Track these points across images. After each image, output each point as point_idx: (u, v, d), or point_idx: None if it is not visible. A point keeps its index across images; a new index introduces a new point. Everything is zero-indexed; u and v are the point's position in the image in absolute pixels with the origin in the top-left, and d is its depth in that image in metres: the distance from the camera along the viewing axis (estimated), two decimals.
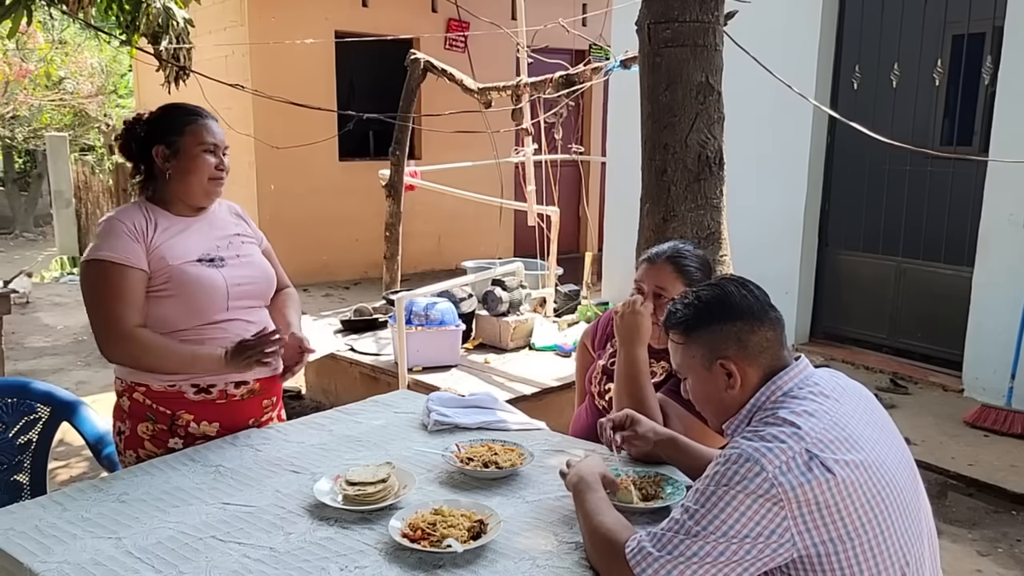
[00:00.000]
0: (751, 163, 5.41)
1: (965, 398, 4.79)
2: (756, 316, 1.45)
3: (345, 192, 8.26)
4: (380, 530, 1.56)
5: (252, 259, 2.13)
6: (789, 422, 1.33)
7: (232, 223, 2.17)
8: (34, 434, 2.40)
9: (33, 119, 12.42)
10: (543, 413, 2.63)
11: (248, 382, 2.07)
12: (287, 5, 7.82)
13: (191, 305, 1.97)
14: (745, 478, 1.27)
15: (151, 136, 2.03)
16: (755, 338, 1.44)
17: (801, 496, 1.26)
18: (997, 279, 4.70)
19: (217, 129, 2.06)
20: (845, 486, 1.27)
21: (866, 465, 1.31)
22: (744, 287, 1.49)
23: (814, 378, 1.44)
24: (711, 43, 2.77)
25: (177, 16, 5.00)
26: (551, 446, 2.03)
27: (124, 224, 1.95)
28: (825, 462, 1.28)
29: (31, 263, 9.70)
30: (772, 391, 1.42)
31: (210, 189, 2.04)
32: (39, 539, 1.54)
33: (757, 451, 1.28)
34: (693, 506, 1.31)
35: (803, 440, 1.30)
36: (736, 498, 1.26)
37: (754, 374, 1.44)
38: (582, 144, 8.78)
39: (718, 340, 1.45)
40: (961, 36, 5.03)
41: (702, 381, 1.48)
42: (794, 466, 1.27)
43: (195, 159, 2.00)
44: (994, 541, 3.35)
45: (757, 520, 1.26)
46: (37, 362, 5.75)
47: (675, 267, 2.08)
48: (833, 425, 1.34)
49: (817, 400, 1.38)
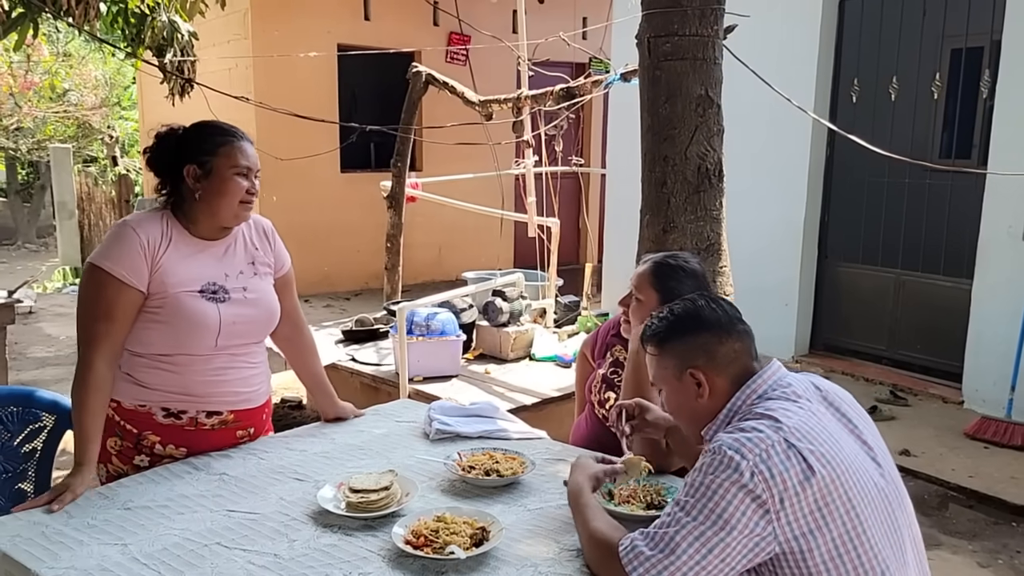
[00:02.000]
0: (751, 175, 5.44)
1: (965, 410, 4.80)
2: (724, 328, 1.54)
3: (346, 203, 8.29)
4: (383, 537, 1.57)
5: (258, 296, 2.05)
6: (767, 416, 1.40)
7: (252, 251, 2.09)
8: (39, 442, 2.40)
9: (37, 131, 12.48)
10: (543, 423, 2.64)
11: (221, 412, 2.01)
12: (290, 19, 7.88)
13: (178, 337, 1.92)
14: (728, 467, 1.32)
15: (183, 153, 1.95)
16: (723, 349, 1.52)
17: (781, 485, 1.31)
18: (996, 291, 4.72)
19: (251, 152, 1.99)
20: (822, 478, 1.32)
21: (842, 459, 1.36)
22: (714, 302, 1.59)
23: (787, 379, 1.51)
24: (711, 56, 2.80)
25: (182, 29, 5.04)
26: (552, 455, 2.04)
27: (138, 237, 1.89)
28: (802, 452, 1.33)
29: (34, 274, 9.72)
30: (748, 394, 1.49)
31: (239, 212, 1.98)
32: (46, 545, 1.56)
33: (737, 441, 1.35)
34: (683, 498, 1.36)
35: (781, 430, 1.36)
36: (722, 487, 1.32)
37: (722, 383, 1.51)
38: (582, 156, 8.82)
39: (688, 351, 1.53)
40: (959, 50, 5.07)
41: (674, 391, 1.56)
42: (773, 454, 1.33)
43: (227, 182, 1.93)
44: (994, 553, 3.35)
45: (743, 510, 1.30)
46: (39, 372, 5.76)
47: (651, 271, 2.15)
48: (808, 419, 1.40)
49: (792, 399, 1.45)
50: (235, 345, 2.00)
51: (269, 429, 2.20)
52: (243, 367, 2.04)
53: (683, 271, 2.16)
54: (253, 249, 2.10)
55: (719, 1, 2.80)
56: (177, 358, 1.94)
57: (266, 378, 2.15)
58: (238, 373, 2.03)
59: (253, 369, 2.08)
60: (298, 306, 2.28)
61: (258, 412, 2.12)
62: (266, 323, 2.10)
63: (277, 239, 2.20)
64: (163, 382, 1.95)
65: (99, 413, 1.88)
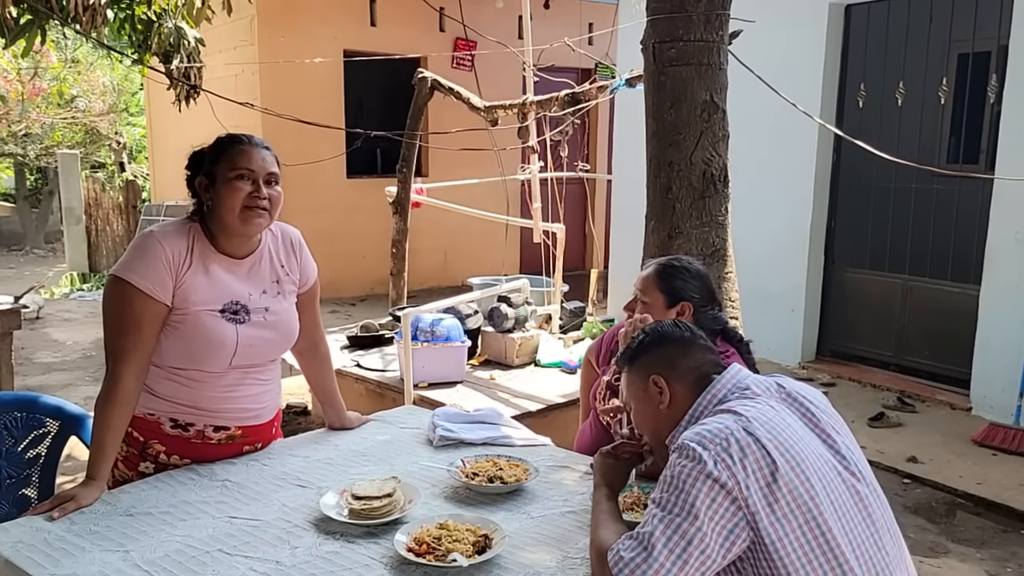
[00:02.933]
0: (756, 181, 5.43)
1: (973, 416, 4.77)
2: (686, 341, 1.64)
3: (352, 209, 8.31)
4: (386, 544, 1.57)
5: (279, 319, 2.02)
6: (728, 411, 1.46)
7: (277, 268, 2.06)
8: (43, 448, 2.41)
9: (45, 137, 12.54)
10: (548, 429, 2.63)
11: (229, 428, 2.00)
12: (296, 25, 7.91)
13: (193, 353, 1.90)
14: (692, 459, 1.36)
15: (195, 168, 1.96)
16: (685, 360, 1.60)
17: (744, 470, 1.34)
18: (1004, 296, 4.69)
19: (258, 156, 1.92)
20: (781, 464, 1.35)
21: (798, 450, 1.39)
22: (682, 326, 1.69)
23: (747, 380, 1.56)
24: (716, 62, 2.80)
25: (188, 36, 5.06)
26: (556, 462, 2.03)
27: (164, 250, 1.86)
28: (760, 439, 1.37)
29: (41, 279, 9.76)
30: (708, 399, 1.54)
31: (245, 219, 1.90)
32: (48, 552, 1.55)
33: (698, 435, 1.40)
34: (657, 495, 1.40)
35: (740, 419, 1.41)
36: (691, 477, 1.35)
37: (683, 390, 1.57)
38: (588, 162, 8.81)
39: (651, 363, 1.62)
40: (966, 55, 5.05)
41: (640, 403, 1.62)
42: (733, 441, 1.37)
43: (226, 185, 1.88)
44: (1003, 561, 3.32)
45: (711, 498, 1.33)
46: (46, 377, 5.78)
47: (656, 274, 2.14)
48: (768, 413, 1.44)
49: (751, 399, 1.51)
50: (248, 364, 1.99)
51: (278, 436, 2.20)
52: (254, 384, 2.03)
53: (688, 271, 2.15)
54: (279, 266, 2.07)
55: (724, 6, 2.80)
56: (190, 372, 1.93)
57: (276, 394, 2.15)
58: (248, 390, 2.02)
59: (264, 386, 2.07)
60: (319, 321, 2.26)
61: (267, 427, 2.11)
62: (283, 345, 2.08)
63: (305, 251, 2.15)
64: (174, 394, 1.95)
65: (120, 429, 1.87)
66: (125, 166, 12.92)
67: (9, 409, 2.38)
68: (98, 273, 9.80)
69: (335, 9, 8.12)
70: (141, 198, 10.47)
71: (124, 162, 13.00)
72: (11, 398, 2.51)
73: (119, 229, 10.09)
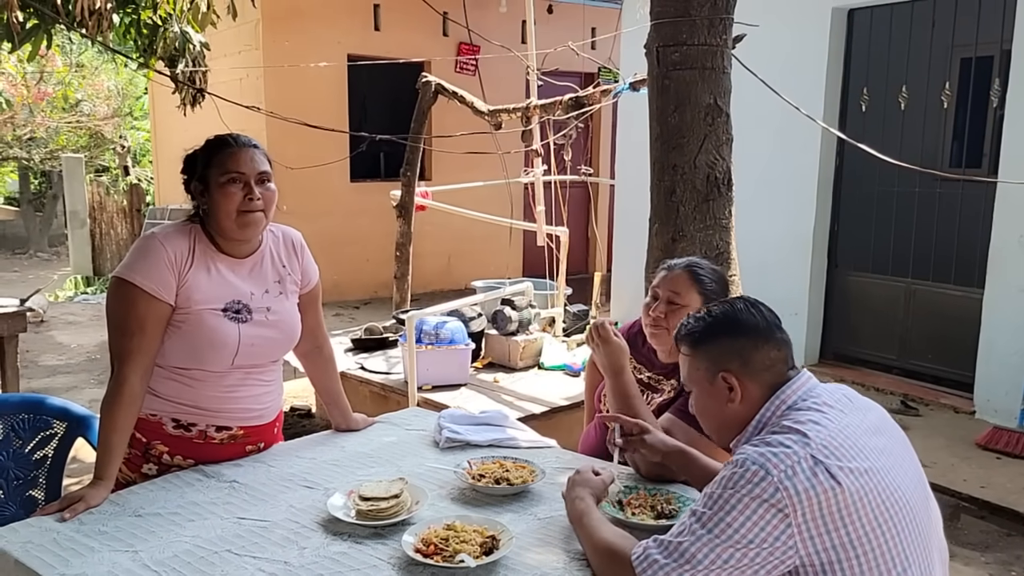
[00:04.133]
0: (760, 184, 5.44)
1: (976, 420, 4.76)
2: (761, 334, 1.50)
3: (356, 212, 8.33)
4: (393, 545, 1.57)
5: (280, 318, 2.02)
6: (795, 430, 1.36)
7: (279, 268, 2.06)
8: (49, 450, 2.42)
9: (50, 140, 12.59)
10: (552, 432, 2.63)
11: (231, 428, 2.00)
12: (301, 29, 7.94)
13: (195, 352, 1.91)
14: (751, 482, 1.29)
15: (189, 172, 1.96)
16: (758, 355, 1.49)
17: (806, 501, 1.28)
18: (1007, 300, 4.69)
19: (249, 157, 1.91)
20: (850, 494, 1.29)
21: (871, 473, 1.33)
22: (754, 306, 1.54)
23: (817, 390, 1.47)
24: (719, 66, 2.81)
25: (193, 40, 5.09)
26: (562, 463, 2.04)
27: (166, 251, 1.87)
28: (830, 468, 1.30)
29: (46, 282, 9.79)
30: (777, 405, 1.45)
31: (242, 223, 1.91)
32: (57, 552, 1.56)
33: (762, 455, 1.32)
34: (701, 509, 1.34)
35: (809, 446, 1.32)
36: (742, 501, 1.29)
37: (755, 390, 1.48)
38: (591, 165, 8.84)
39: (723, 354, 1.50)
40: (969, 59, 5.06)
41: (705, 394, 1.53)
42: (799, 471, 1.29)
43: (219, 190, 1.89)
44: (1007, 564, 3.32)
45: (762, 525, 1.28)
46: (51, 380, 5.79)
47: (691, 276, 2.09)
48: (839, 433, 1.36)
49: (822, 410, 1.41)
50: (251, 364, 2.00)
51: (279, 439, 2.20)
52: (256, 385, 2.04)
53: (715, 272, 2.14)
54: (280, 266, 2.07)
55: (728, 11, 2.80)
56: (193, 372, 1.94)
57: (278, 395, 2.15)
58: (250, 391, 2.03)
59: (266, 387, 2.07)
60: (322, 323, 2.27)
61: (268, 427, 2.12)
62: (285, 345, 2.09)
63: (306, 253, 2.16)
64: (176, 394, 1.95)
65: (126, 430, 1.88)
66: (129, 170, 12.96)
67: (16, 411, 2.40)
68: (102, 276, 9.82)
69: (339, 14, 8.15)
70: (145, 202, 10.51)
71: (128, 166, 13.05)
72: (18, 400, 2.53)
73: (123, 233, 10.13)
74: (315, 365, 2.32)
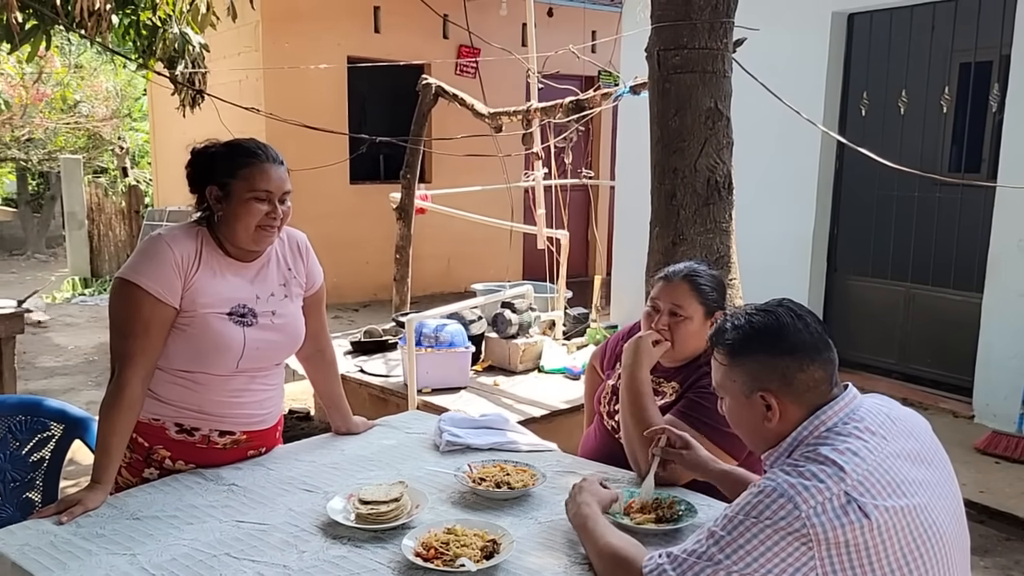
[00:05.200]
0: (760, 188, 5.43)
1: (976, 424, 4.76)
2: (808, 354, 1.39)
3: (356, 215, 8.32)
4: (393, 549, 1.56)
5: (285, 322, 2.02)
6: (832, 461, 1.28)
7: (284, 271, 2.06)
8: (47, 452, 2.41)
9: (48, 142, 12.57)
10: (552, 435, 2.63)
11: (234, 433, 2.00)
12: (301, 31, 7.93)
13: (200, 356, 1.90)
14: (777, 514, 1.24)
15: (208, 174, 1.93)
16: (802, 376, 1.38)
17: (832, 539, 1.22)
18: (1007, 305, 4.69)
19: (276, 174, 1.91)
20: (880, 532, 1.24)
21: (907, 511, 1.27)
22: (801, 319, 1.41)
23: (860, 412, 1.38)
24: (720, 69, 2.81)
25: (193, 41, 5.08)
26: (562, 467, 2.03)
27: (173, 253, 1.86)
28: (864, 507, 1.24)
29: (44, 284, 9.78)
30: (816, 425, 1.36)
31: (258, 237, 1.92)
32: (54, 555, 1.55)
33: (793, 488, 1.25)
34: (720, 532, 1.28)
35: (843, 482, 1.25)
36: (764, 532, 1.24)
37: (796, 411, 1.38)
38: (591, 168, 8.84)
39: (762, 371, 1.40)
40: (968, 64, 5.06)
41: (739, 407, 1.45)
42: (829, 508, 1.23)
43: (243, 205, 1.88)
44: (1007, 569, 3.31)
45: (783, 558, 1.23)
46: (48, 382, 5.78)
47: (691, 285, 2.08)
48: (878, 467, 1.29)
49: (863, 437, 1.32)
50: (255, 368, 2.00)
51: (280, 443, 2.20)
52: (259, 389, 2.03)
53: (714, 278, 2.13)
54: (286, 269, 2.07)
55: (728, 15, 2.81)
56: (196, 375, 1.93)
57: (280, 399, 2.15)
58: (254, 396, 2.02)
59: (269, 392, 2.07)
60: (325, 326, 2.26)
61: (270, 432, 2.11)
62: (288, 348, 2.08)
63: (311, 255, 2.16)
64: (180, 398, 1.95)
65: (126, 433, 1.86)
66: (128, 171, 12.96)
67: (13, 412, 2.38)
68: (100, 278, 9.81)
69: (339, 16, 8.15)
70: (144, 203, 10.50)
71: (127, 167, 13.04)
72: (15, 401, 2.51)
73: (121, 234, 10.11)
74: (317, 368, 2.31)
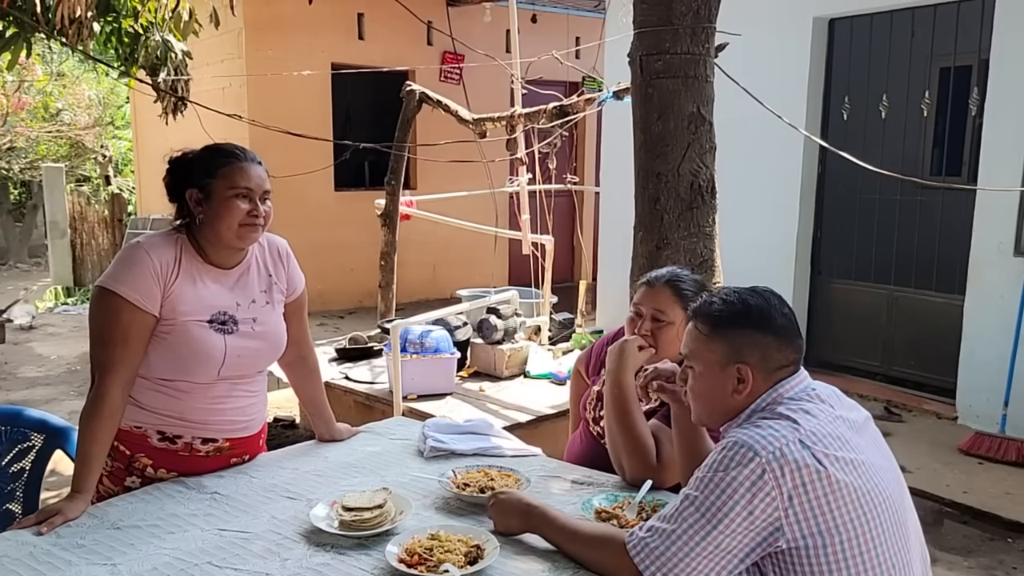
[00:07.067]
0: (743, 192, 5.46)
1: (959, 425, 4.80)
2: (787, 337, 1.51)
3: (340, 222, 8.30)
4: (377, 556, 1.56)
5: (266, 328, 2.01)
6: (786, 416, 1.41)
7: (265, 277, 2.05)
8: (27, 462, 2.38)
9: (30, 150, 12.46)
10: (538, 440, 2.63)
11: (217, 440, 1.99)
12: (284, 38, 7.92)
13: (180, 364, 1.89)
14: (740, 463, 1.33)
15: (186, 178, 1.92)
16: (778, 356, 1.49)
17: (791, 481, 1.31)
18: (988, 307, 4.74)
19: (255, 172, 1.92)
20: (836, 481, 1.33)
21: (856, 465, 1.36)
22: (784, 306, 1.54)
23: (812, 386, 1.51)
24: (702, 74, 2.82)
25: (176, 49, 5.06)
26: (547, 472, 2.03)
27: (151, 261, 1.85)
28: (816, 454, 1.34)
29: (25, 293, 9.68)
30: (773, 397, 1.48)
31: (242, 235, 1.91)
32: (34, 566, 1.53)
33: (751, 437, 1.35)
34: (694, 493, 1.37)
35: (798, 431, 1.36)
36: (731, 484, 1.32)
37: (762, 386, 1.49)
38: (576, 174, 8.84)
39: (745, 345, 1.49)
40: (948, 68, 5.12)
41: (712, 376, 1.51)
42: (787, 452, 1.33)
43: (224, 204, 1.87)
44: (990, 569, 3.34)
45: (752, 507, 1.31)
46: (30, 392, 5.72)
47: (674, 291, 2.09)
48: (828, 424, 1.40)
49: (813, 401, 1.45)
50: (236, 375, 1.98)
51: (263, 451, 2.18)
52: (242, 396, 2.02)
53: (697, 283, 2.14)
54: (267, 275, 2.06)
55: (710, 20, 2.82)
56: (178, 383, 1.92)
57: (263, 406, 2.14)
58: (236, 403, 2.01)
59: (251, 398, 2.06)
60: (307, 332, 2.25)
61: (254, 439, 2.10)
62: (271, 355, 2.08)
63: (292, 261, 2.15)
64: (162, 405, 1.93)
65: (106, 442, 1.85)
66: (110, 179, 12.85)
67: None
68: (83, 287, 9.72)
69: (323, 22, 8.14)
70: (127, 211, 10.41)
71: (109, 175, 12.93)
72: None
73: (104, 243, 10.03)
74: (299, 375, 2.30)
